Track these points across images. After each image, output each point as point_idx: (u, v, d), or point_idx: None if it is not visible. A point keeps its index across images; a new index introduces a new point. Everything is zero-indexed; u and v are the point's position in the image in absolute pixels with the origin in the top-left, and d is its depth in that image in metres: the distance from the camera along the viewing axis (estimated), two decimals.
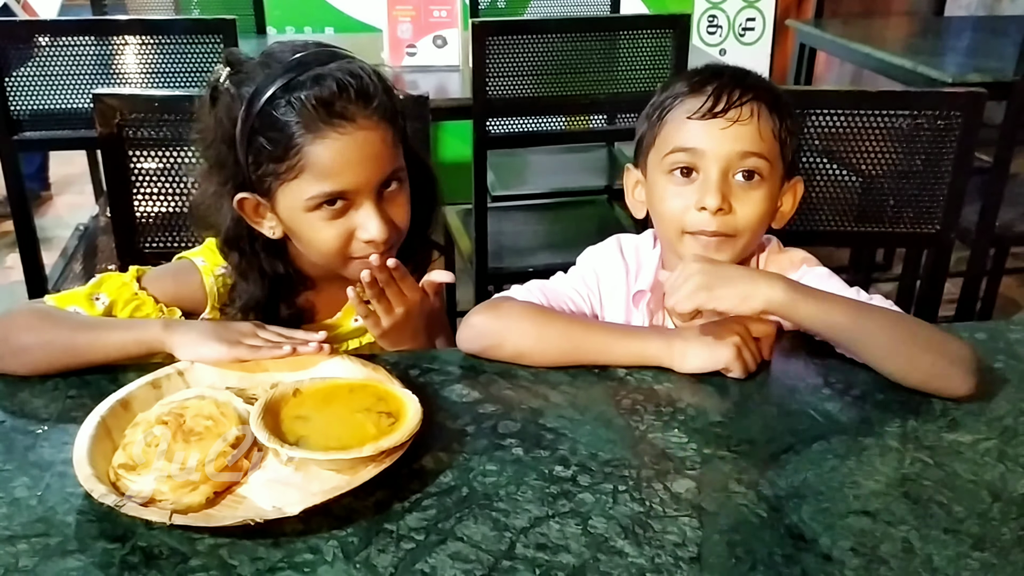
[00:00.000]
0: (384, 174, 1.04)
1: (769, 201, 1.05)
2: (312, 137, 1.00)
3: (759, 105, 1.03)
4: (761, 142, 1.03)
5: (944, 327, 1.13)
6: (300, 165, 1.02)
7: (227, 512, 0.78)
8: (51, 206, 3.98)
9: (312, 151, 1.01)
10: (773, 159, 1.04)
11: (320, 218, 1.04)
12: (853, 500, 0.83)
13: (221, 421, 0.86)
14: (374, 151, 1.03)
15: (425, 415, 0.88)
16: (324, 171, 1.01)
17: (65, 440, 0.87)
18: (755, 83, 1.05)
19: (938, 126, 1.48)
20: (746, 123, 1.03)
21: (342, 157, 1.01)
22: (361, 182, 1.03)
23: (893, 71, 2.54)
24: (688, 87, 1.05)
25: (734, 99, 1.03)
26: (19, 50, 1.99)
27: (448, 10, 2.41)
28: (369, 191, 1.04)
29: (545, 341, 1.02)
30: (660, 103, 1.08)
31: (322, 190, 1.02)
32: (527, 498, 0.82)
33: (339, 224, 1.05)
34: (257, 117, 1.01)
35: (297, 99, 1.00)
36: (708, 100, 1.03)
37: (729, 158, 1.03)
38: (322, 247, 1.07)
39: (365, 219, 1.04)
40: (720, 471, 0.87)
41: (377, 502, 0.81)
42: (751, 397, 1.00)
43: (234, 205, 1.08)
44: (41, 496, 0.82)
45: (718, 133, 1.03)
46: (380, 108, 1.03)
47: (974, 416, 0.96)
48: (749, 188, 1.04)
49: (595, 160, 2.90)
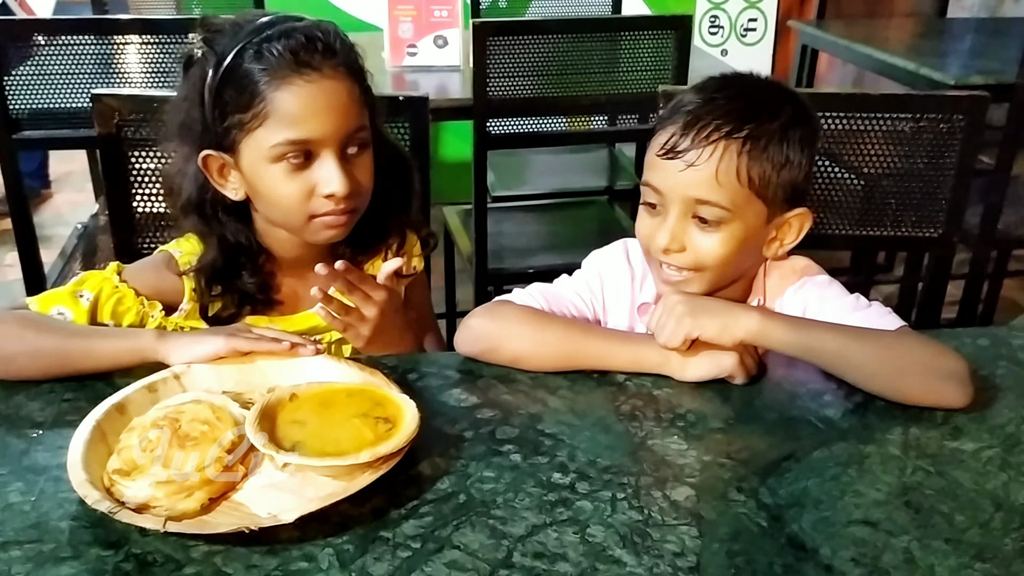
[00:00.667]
0: (349, 127, 1.04)
1: (733, 242, 1.00)
2: (278, 83, 1.01)
3: (726, 148, 0.97)
4: (718, 189, 0.98)
5: (943, 334, 1.13)
6: (265, 112, 1.01)
7: (222, 519, 0.78)
8: (51, 204, 3.98)
9: (277, 97, 1.01)
10: (736, 205, 0.99)
11: (282, 171, 1.04)
12: (854, 509, 0.82)
13: (217, 426, 0.85)
14: (339, 102, 1.03)
15: (423, 420, 0.87)
16: (289, 118, 1.01)
17: (60, 444, 0.86)
18: (735, 119, 0.98)
19: (940, 130, 1.47)
20: (701, 168, 0.98)
21: (307, 104, 1.01)
22: (326, 131, 1.02)
23: (895, 73, 2.53)
24: (670, 114, 1.02)
25: (696, 140, 0.98)
26: (18, 49, 1.98)
27: (449, 10, 2.40)
28: (333, 143, 1.03)
29: (543, 345, 1.02)
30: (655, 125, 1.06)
31: (286, 137, 1.02)
32: (525, 505, 0.82)
33: (301, 178, 1.04)
34: (225, 71, 1.02)
35: (266, 49, 1.01)
36: (671, 138, 0.99)
37: (684, 201, 1.00)
38: (283, 202, 1.05)
39: (327, 172, 1.03)
40: (720, 479, 0.86)
41: (374, 508, 0.81)
42: (751, 403, 0.99)
43: (199, 163, 1.07)
44: (35, 501, 0.81)
45: (675, 175, 0.99)
46: (346, 63, 1.05)
47: (976, 424, 0.95)
48: (707, 230, 1.01)
49: (596, 160, 2.89)
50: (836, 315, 1.02)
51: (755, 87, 1.05)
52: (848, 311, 1.03)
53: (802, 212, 1.04)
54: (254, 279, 1.14)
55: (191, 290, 1.14)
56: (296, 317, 1.18)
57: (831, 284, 1.09)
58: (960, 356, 0.98)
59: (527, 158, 2.88)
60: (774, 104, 1.01)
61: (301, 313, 1.18)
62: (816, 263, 1.12)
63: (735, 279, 1.07)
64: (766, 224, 1.03)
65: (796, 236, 1.05)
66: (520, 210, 2.60)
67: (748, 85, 1.05)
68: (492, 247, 2.19)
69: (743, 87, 1.04)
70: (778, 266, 1.09)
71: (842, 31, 2.88)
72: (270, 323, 1.15)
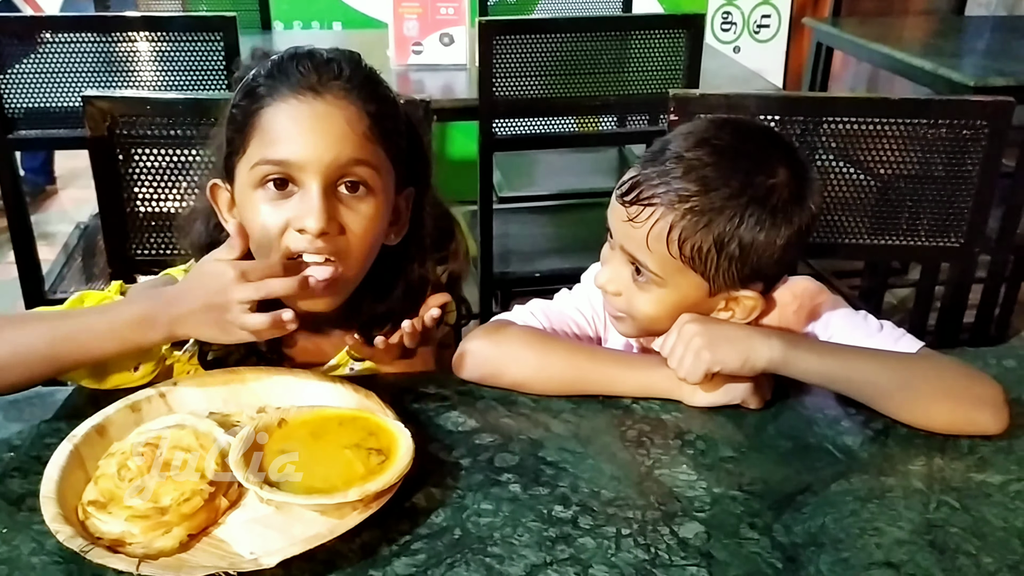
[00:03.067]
0: (340, 157, 0.91)
1: (663, 305, 0.95)
2: (271, 100, 0.92)
3: (663, 215, 0.91)
4: (648, 253, 0.92)
5: (966, 354, 1.07)
6: (252, 128, 0.93)
7: (201, 557, 0.73)
8: (56, 200, 3.95)
9: (266, 113, 0.92)
10: (667, 273, 0.93)
11: (263, 198, 0.92)
12: (875, 549, 0.77)
13: (200, 454, 0.81)
14: (333, 128, 0.91)
15: (418, 446, 0.83)
16: (271, 135, 0.92)
17: (36, 470, 0.82)
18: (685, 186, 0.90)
19: (963, 136, 1.41)
20: (637, 227, 0.92)
21: (293, 123, 0.91)
22: (308, 156, 0.90)
23: (912, 72, 2.47)
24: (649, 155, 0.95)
25: (639, 197, 0.92)
26: (16, 46, 1.94)
27: (455, 7, 2.35)
28: (318, 173, 0.90)
29: (546, 371, 0.97)
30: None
31: (263, 155, 0.91)
32: (524, 542, 0.77)
33: (280, 208, 0.91)
34: (240, 92, 0.95)
35: (276, 68, 0.94)
36: (627, 182, 0.94)
37: (624, 250, 0.95)
38: (257, 231, 0.92)
39: (303, 203, 0.90)
40: (731, 513, 0.81)
41: (363, 544, 0.76)
42: (765, 429, 0.94)
43: (207, 193, 0.99)
44: (6, 534, 0.77)
45: (619, 222, 0.94)
46: (361, 95, 0.93)
47: (1003, 454, 0.90)
48: (641, 286, 0.95)
49: (605, 161, 2.84)
50: (848, 342, 0.97)
51: (738, 151, 0.93)
52: (861, 337, 0.97)
53: (752, 296, 0.95)
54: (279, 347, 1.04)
55: None
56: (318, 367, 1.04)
57: (835, 307, 1.02)
58: (993, 380, 0.93)
59: (534, 158, 2.83)
60: (744, 177, 0.91)
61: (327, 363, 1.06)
62: (819, 274, 1.06)
63: None
64: (708, 297, 0.95)
65: (747, 316, 0.97)
66: (527, 211, 2.55)
67: (732, 148, 0.93)
68: (498, 249, 2.14)
69: (724, 150, 0.92)
70: (776, 292, 1.01)
71: (858, 29, 2.82)
72: None
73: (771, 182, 0.92)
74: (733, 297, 0.96)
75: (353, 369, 1.05)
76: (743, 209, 0.90)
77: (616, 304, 0.99)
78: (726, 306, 0.97)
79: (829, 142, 1.48)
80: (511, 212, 2.49)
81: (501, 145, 2.07)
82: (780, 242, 0.92)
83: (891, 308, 2.92)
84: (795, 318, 1.02)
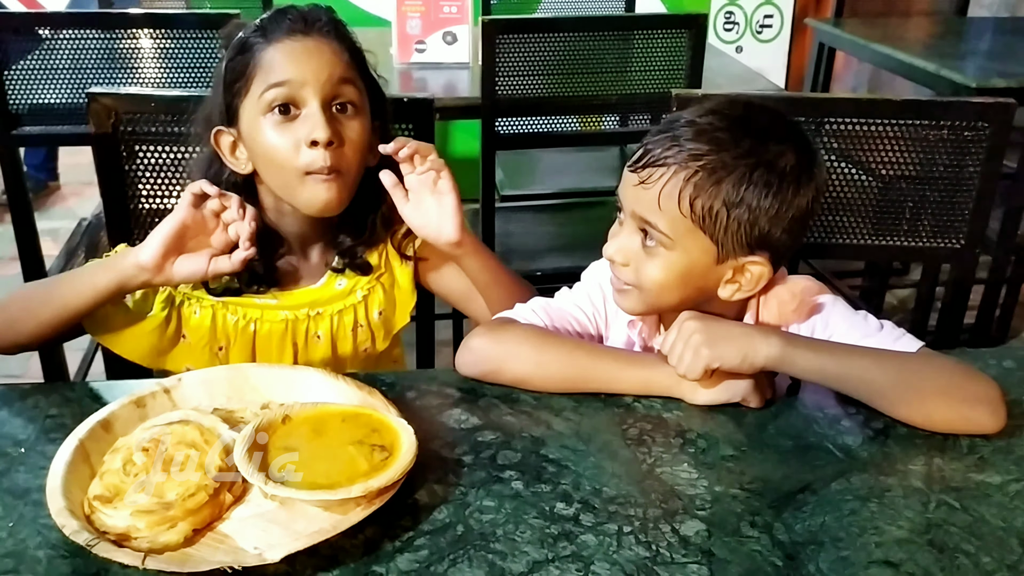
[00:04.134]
0: (332, 77, 1.07)
1: (672, 271, 0.96)
2: (267, 43, 1.07)
3: (675, 173, 0.93)
4: (659, 212, 0.94)
5: (965, 354, 1.08)
6: (255, 68, 1.07)
7: (206, 552, 0.74)
8: (59, 196, 3.96)
9: (266, 54, 1.07)
10: (677, 234, 0.94)
11: (272, 124, 1.07)
12: (875, 548, 0.77)
13: (204, 450, 0.81)
14: (323, 56, 1.07)
15: (420, 443, 0.84)
16: (272, 65, 1.07)
17: (42, 465, 0.83)
18: (697, 146, 0.93)
19: (964, 137, 1.42)
20: (649, 188, 0.94)
21: (290, 54, 1.07)
22: (306, 75, 1.06)
23: (914, 73, 2.47)
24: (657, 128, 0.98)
25: (651, 159, 0.94)
26: (19, 43, 1.94)
27: (459, 6, 2.35)
28: (315, 92, 1.06)
29: (547, 368, 0.97)
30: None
31: (268, 82, 1.06)
32: (526, 539, 0.78)
33: (289, 130, 1.07)
34: (233, 49, 1.10)
35: (267, 23, 1.09)
36: (639, 150, 0.96)
37: (635, 217, 0.97)
38: (275, 157, 1.08)
39: (310, 120, 1.06)
40: (732, 512, 0.82)
41: (366, 540, 0.77)
42: (766, 428, 0.94)
43: (211, 140, 1.12)
44: (12, 528, 0.77)
45: (630, 188, 0.96)
46: (341, 38, 1.10)
47: (1002, 454, 0.90)
48: (649, 252, 0.96)
49: (607, 159, 2.84)
50: (847, 341, 0.97)
51: (748, 121, 0.95)
52: (860, 336, 0.98)
53: (760, 261, 0.96)
54: (259, 256, 1.14)
55: None
56: (298, 292, 1.19)
57: (835, 306, 1.02)
58: (990, 379, 0.94)
59: (536, 156, 2.82)
60: (754, 142, 0.93)
61: (303, 288, 1.19)
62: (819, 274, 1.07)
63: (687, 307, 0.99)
64: (716, 263, 0.96)
65: (754, 286, 0.97)
66: (529, 210, 2.55)
67: (743, 118, 0.96)
68: (500, 248, 2.15)
69: (735, 119, 0.95)
70: (776, 289, 1.02)
71: (859, 30, 2.82)
72: (272, 297, 1.17)
73: (780, 148, 0.94)
74: (740, 267, 0.96)
75: (340, 286, 1.20)
76: (751, 170, 0.92)
77: (623, 275, 0.99)
78: (733, 277, 0.97)
79: (830, 142, 1.48)
80: (513, 210, 2.49)
81: (503, 144, 2.07)
82: (787, 211, 0.94)
83: (892, 308, 2.93)
84: (794, 316, 1.02)
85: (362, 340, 1.22)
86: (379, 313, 1.22)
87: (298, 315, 1.17)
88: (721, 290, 0.98)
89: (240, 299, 1.16)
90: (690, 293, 0.98)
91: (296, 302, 1.18)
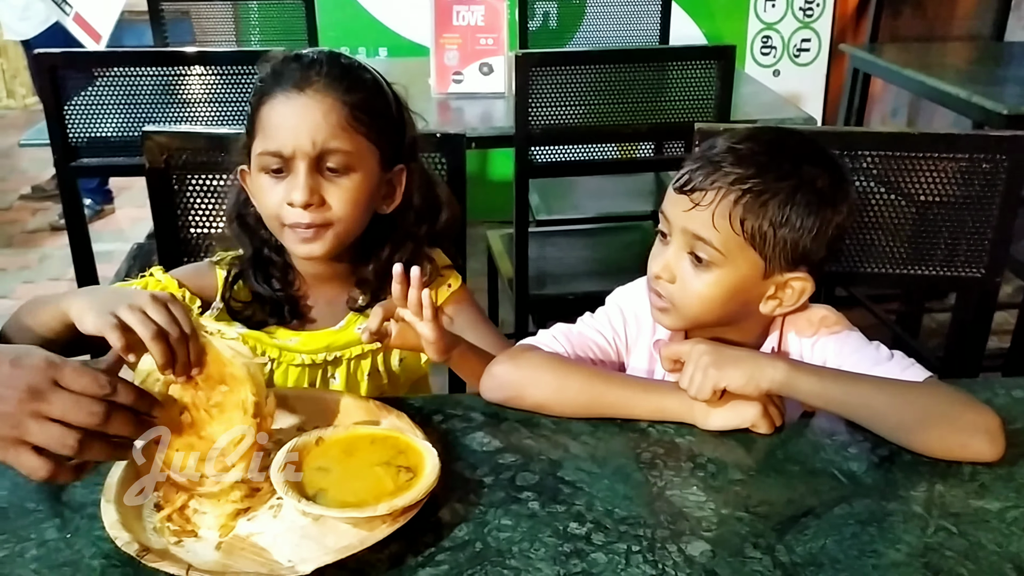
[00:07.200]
0: (316, 144, 1.10)
1: (720, 287, 1.02)
2: (267, 99, 1.12)
3: (726, 194, 1.00)
4: (713, 230, 1.00)
5: (976, 384, 1.11)
6: (257, 122, 1.14)
7: (244, 564, 0.80)
8: (112, 219, 4.10)
9: (264, 109, 1.12)
10: (729, 250, 1.01)
11: (267, 181, 1.14)
12: (872, 570, 0.81)
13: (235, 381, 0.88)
14: (310, 120, 1.10)
15: (444, 464, 0.89)
16: (267, 130, 1.12)
17: (97, 481, 0.90)
18: (743, 169, 1.00)
19: (983, 169, 1.45)
20: (703, 208, 1.00)
21: (281, 118, 1.11)
22: (292, 145, 1.10)
23: (948, 100, 2.49)
24: (698, 153, 1.04)
25: (703, 182, 1.01)
26: (78, 79, 2.05)
27: (495, 38, 2.43)
28: (303, 158, 1.10)
29: (565, 394, 1.03)
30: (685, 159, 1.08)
31: (263, 147, 1.12)
32: (540, 556, 0.83)
33: (279, 188, 1.12)
34: (253, 92, 1.15)
35: (276, 69, 1.14)
36: (686, 174, 1.03)
37: (684, 234, 1.03)
38: (264, 209, 1.15)
39: (292, 179, 1.12)
40: (737, 533, 0.86)
41: (391, 555, 0.82)
42: (774, 453, 0.99)
43: (237, 177, 1.20)
44: (70, 539, 0.85)
45: (680, 210, 1.02)
46: (337, 90, 1.11)
47: (1003, 481, 0.94)
48: (698, 268, 1.02)
49: (643, 184, 2.89)
50: (857, 368, 1.02)
51: (783, 145, 1.04)
52: (869, 365, 1.02)
53: (803, 276, 1.03)
54: (281, 289, 1.22)
55: (221, 293, 1.22)
56: (319, 334, 1.23)
57: (849, 336, 1.08)
58: (990, 409, 0.97)
59: (571, 181, 2.88)
60: (791, 166, 1.01)
61: (324, 331, 1.23)
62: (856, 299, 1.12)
63: (724, 324, 1.06)
64: (763, 279, 1.03)
65: (796, 300, 1.04)
66: (564, 234, 2.61)
67: (776, 142, 1.04)
68: (534, 272, 2.20)
69: (770, 143, 1.03)
70: (796, 317, 1.08)
71: (895, 56, 2.84)
72: (295, 335, 1.22)
73: (814, 169, 1.01)
74: (783, 283, 1.03)
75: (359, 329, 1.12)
76: (794, 191, 1.00)
77: (668, 291, 1.05)
78: (775, 293, 1.04)
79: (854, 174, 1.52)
80: (548, 235, 2.55)
81: (537, 172, 2.14)
82: (827, 228, 1.01)
83: (930, 332, 2.92)
84: (810, 344, 1.08)
85: (377, 387, 1.25)
86: (400, 360, 1.26)
87: (315, 359, 1.21)
88: (762, 306, 1.05)
89: (261, 335, 1.21)
90: (733, 308, 1.04)
91: (316, 345, 1.21)
